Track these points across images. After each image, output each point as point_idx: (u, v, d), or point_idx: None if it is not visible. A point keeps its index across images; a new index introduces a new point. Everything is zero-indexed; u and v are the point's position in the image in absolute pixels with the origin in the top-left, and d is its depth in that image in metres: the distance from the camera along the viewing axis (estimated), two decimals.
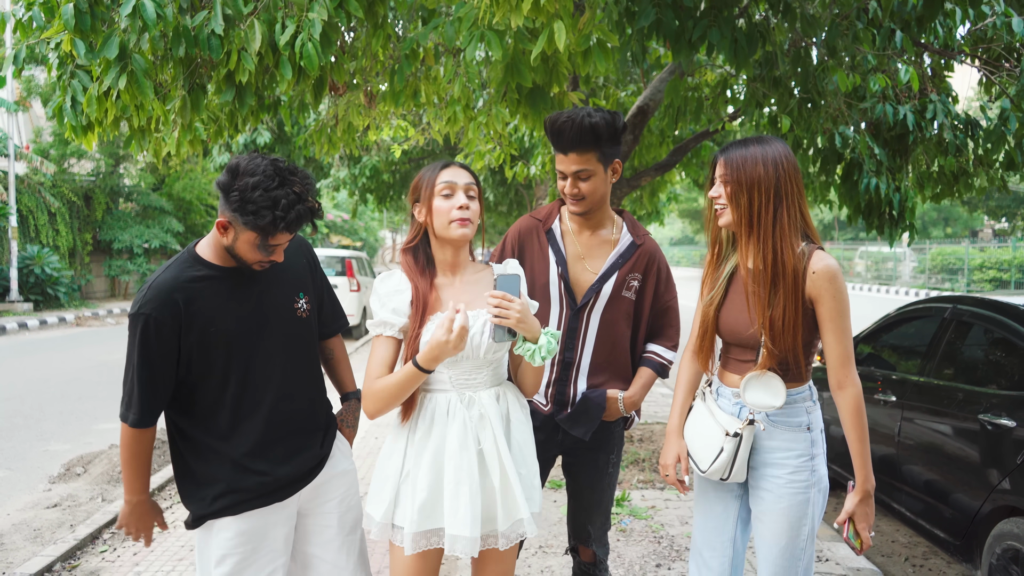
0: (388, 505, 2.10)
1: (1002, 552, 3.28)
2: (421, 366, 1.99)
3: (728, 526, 2.37)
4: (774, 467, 2.22)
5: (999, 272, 24.50)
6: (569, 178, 2.48)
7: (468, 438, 2.06)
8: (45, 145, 20.79)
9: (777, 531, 2.22)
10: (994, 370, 3.82)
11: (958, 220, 39.36)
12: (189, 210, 25.26)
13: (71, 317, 17.57)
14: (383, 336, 2.13)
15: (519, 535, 2.09)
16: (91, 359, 11.60)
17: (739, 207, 2.15)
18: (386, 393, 2.04)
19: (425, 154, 12.13)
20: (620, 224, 2.68)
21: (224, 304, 2.12)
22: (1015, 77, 4.45)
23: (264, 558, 2.21)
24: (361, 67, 4.31)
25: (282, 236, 2.04)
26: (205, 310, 2.09)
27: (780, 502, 2.21)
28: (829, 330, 2.12)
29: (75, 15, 2.83)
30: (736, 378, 2.27)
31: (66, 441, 6.88)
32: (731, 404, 2.28)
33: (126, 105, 3.19)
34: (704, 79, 6.40)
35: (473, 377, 2.12)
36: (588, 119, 2.38)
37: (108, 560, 4.20)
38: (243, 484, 2.16)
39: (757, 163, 2.12)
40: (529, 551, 4.20)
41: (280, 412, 2.21)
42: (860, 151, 4.66)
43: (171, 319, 2.05)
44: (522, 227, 2.68)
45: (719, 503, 2.38)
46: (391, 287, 2.15)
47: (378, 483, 2.16)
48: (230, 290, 2.14)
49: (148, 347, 2.05)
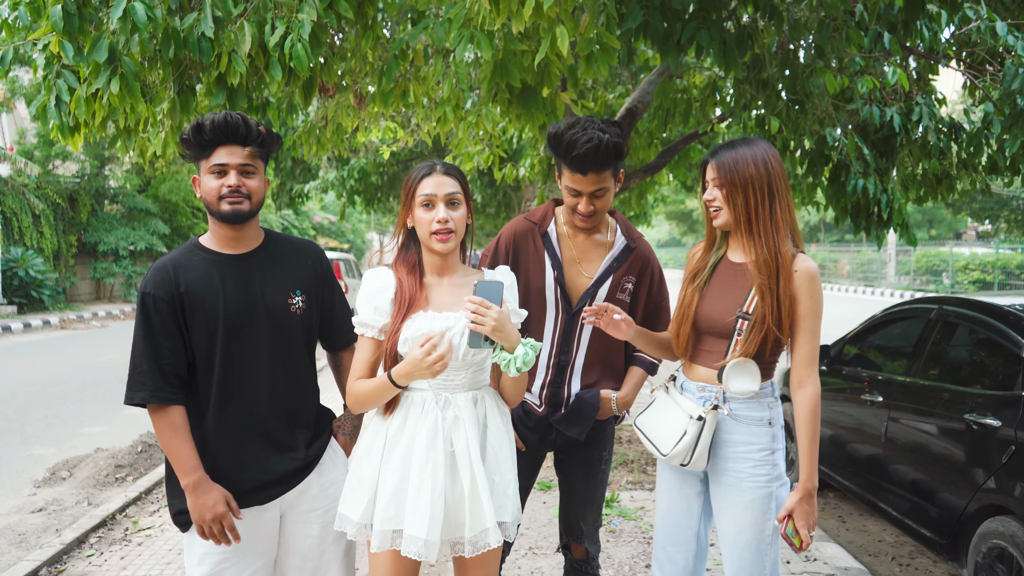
0: (367, 504, 2.06)
1: (988, 551, 3.32)
2: (394, 380, 2.01)
3: (692, 521, 2.42)
4: (736, 461, 2.27)
5: (983, 273, 24.73)
6: (584, 197, 2.44)
7: (438, 439, 2.04)
8: (29, 146, 20.60)
9: (741, 526, 2.26)
10: (979, 370, 3.85)
11: (942, 222, 39.69)
12: (175, 212, 25.10)
13: (56, 320, 17.42)
14: (364, 336, 2.13)
15: (485, 544, 2.03)
16: (76, 362, 11.50)
17: (736, 207, 2.23)
18: (363, 397, 2.10)
19: (414, 155, 12.11)
20: (614, 226, 2.68)
21: (216, 286, 2.17)
22: (998, 81, 4.49)
23: (245, 559, 2.20)
24: (350, 68, 4.30)
25: (220, 150, 2.14)
26: (197, 289, 2.15)
27: (743, 496, 2.25)
28: (802, 329, 2.21)
29: (63, 17, 2.81)
30: (703, 371, 2.34)
31: (51, 445, 6.82)
32: (695, 397, 2.33)
33: (115, 107, 3.17)
34: (692, 81, 6.43)
35: (451, 379, 2.10)
36: (608, 139, 2.33)
37: (95, 564, 4.16)
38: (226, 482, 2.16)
39: (748, 163, 2.20)
40: (519, 552, 4.21)
41: (262, 402, 2.21)
42: (847, 153, 4.70)
43: (167, 295, 2.12)
44: (517, 229, 2.66)
45: (682, 500, 2.43)
46: (376, 284, 2.15)
47: (354, 481, 2.12)
48: (223, 273, 2.19)
49: (150, 323, 2.12)
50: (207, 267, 2.19)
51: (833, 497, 5.58)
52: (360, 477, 2.11)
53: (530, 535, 4.45)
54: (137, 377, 2.11)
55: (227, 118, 2.13)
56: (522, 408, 2.66)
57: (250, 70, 3.18)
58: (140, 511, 5.01)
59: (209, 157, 2.15)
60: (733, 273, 2.33)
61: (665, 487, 2.48)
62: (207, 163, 2.16)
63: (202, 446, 2.17)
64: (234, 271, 2.20)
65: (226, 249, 2.23)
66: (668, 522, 2.45)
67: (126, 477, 5.74)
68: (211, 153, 2.15)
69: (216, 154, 2.14)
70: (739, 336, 2.24)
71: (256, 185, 2.20)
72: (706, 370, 2.33)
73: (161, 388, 2.10)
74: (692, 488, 2.42)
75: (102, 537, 4.56)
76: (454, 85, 3.90)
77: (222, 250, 2.23)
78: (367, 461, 2.11)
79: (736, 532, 2.27)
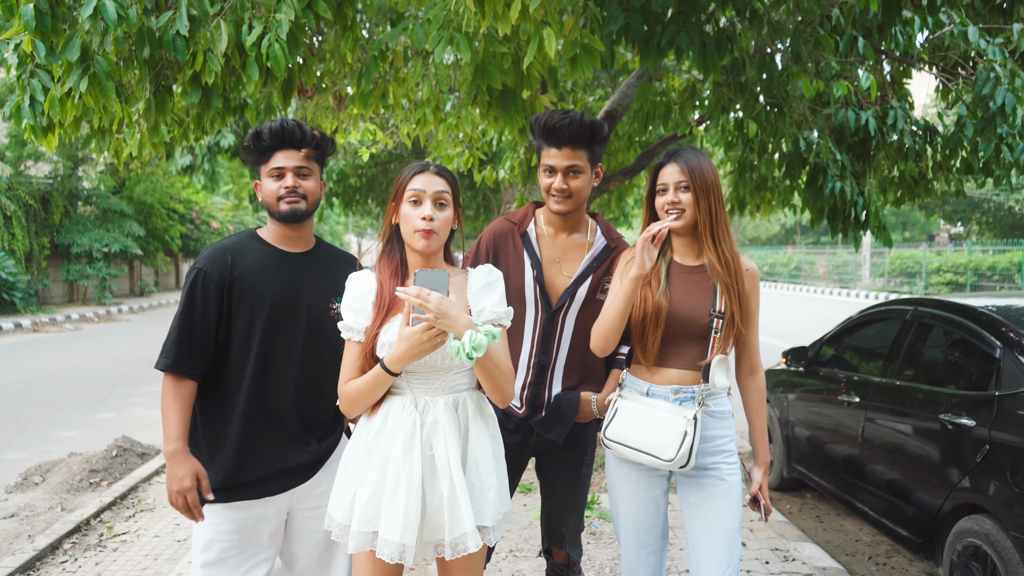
0: (348, 505, 2.07)
1: (963, 549, 3.36)
2: (387, 367, 1.99)
3: (660, 521, 2.51)
4: (716, 454, 2.39)
5: (955, 275, 25.08)
6: (559, 174, 2.48)
7: (415, 443, 2.03)
8: (1, 147, 20.28)
9: (725, 512, 2.36)
10: (954, 371, 3.90)
11: (915, 224, 40.25)
12: (150, 214, 24.82)
13: (27, 323, 17.15)
14: (351, 340, 2.12)
15: (464, 548, 2.02)
16: (49, 365, 11.33)
17: (702, 210, 2.34)
18: (357, 395, 2.07)
19: (393, 158, 12.07)
20: (594, 227, 2.69)
21: (267, 276, 2.31)
22: (971, 84, 4.56)
23: (248, 550, 2.30)
24: (329, 69, 4.28)
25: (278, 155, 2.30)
26: (248, 274, 2.29)
27: (723, 484, 2.38)
28: (751, 322, 2.41)
29: (35, 16, 2.76)
30: (675, 373, 2.38)
31: (23, 449, 6.71)
32: (671, 400, 2.37)
33: (88, 107, 3.12)
34: (671, 84, 6.47)
35: (429, 383, 2.10)
36: (584, 116, 2.45)
37: (69, 571, 4.10)
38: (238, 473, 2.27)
39: (710, 169, 2.36)
40: (500, 555, 4.20)
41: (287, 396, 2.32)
42: (824, 156, 4.74)
43: (218, 273, 2.25)
44: (497, 230, 2.68)
45: (650, 503, 2.48)
46: (358, 287, 2.14)
47: (341, 480, 2.13)
48: (276, 267, 2.33)
49: (193, 298, 2.25)
50: (263, 257, 2.34)
51: (811, 497, 5.62)
52: (346, 477, 2.11)
53: (511, 538, 4.44)
54: (167, 345, 2.24)
55: (283, 124, 2.31)
56: (502, 411, 2.65)
57: (226, 70, 3.14)
58: (115, 516, 4.94)
59: (268, 161, 2.33)
60: (690, 276, 2.41)
61: (630, 493, 2.49)
62: (266, 167, 2.34)
63: (224, 427, 2.30)
64: (287, 267, 2.35)
65: (282, 246, 2.39)
66: (639, 528, 2.49)
67: (100, 482, 5.66)
68: (269, 158, 2.33)
69: (274, 158, 2.32)
70: (716, 335, 2.34)
71: (312, 186, 2.36)
72: (679, 372, 2.38)
73: (183, 361, 2.23)
74: (659, 489, 2.49)
75: (76, 543, 4.49)
76: (433, 87, 3.89)
77: (278, 246, 2.38)
78: (352, 461, 2.11)
79: (719, 521, 2.36)
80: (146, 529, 4.70)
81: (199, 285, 2.25)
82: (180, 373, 2.22)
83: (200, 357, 2.26)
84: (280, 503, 2.35)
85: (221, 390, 2.31)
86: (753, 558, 4.19)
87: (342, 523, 2.08)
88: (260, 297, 2.28)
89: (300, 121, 2.36)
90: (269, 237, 2.40)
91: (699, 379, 2.37)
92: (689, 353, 2.38)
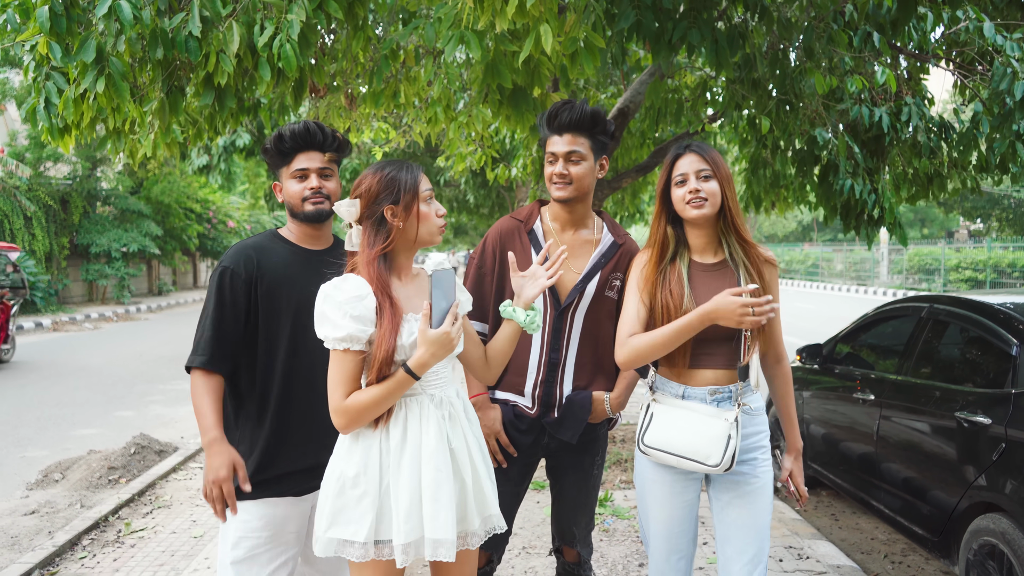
0: (372, 522, 1.96)
1: (979, 548, 3.33)
2: (413, 372, 1.94)
3: (693, 524, 2.46)
4: (756, 450, 2.38)
5: (975, 272, 24.82)
6: (560, 160, 2.51)
7: (443, 439, 2.03)
8: (20, 148, 20.52)
9: (761, 509, 2.35)
10: (970, 368, 3.87)
11: (934, 221, 39.89)
12: (168, 213, 25.04)
13: (48, 322, 17.36)
14: (350, 351, 1.96)
15: (489, 530, 2.09)
16: (68, 365, 11.46)
17: (727, 198, 2.31)
18: (369, 407, 1.95)
19: (406, 156, 12.11)
20: (600, 224, 2.69)
21: (292, 275, 2.34)
22: (987, 80, 4.51)
23: (276, 548, 2.33)
24: (341, 69, 4.30)
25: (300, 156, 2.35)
26: (275, 272, 2.32)
27: (758, 480, 2.37)
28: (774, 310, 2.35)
29: (50, 17, 2.79)
30: (709, 374, 2.33)
31: (43, 447, 6.80)
32: (708, 401, 2.32)
33: (102, 107, 3.16)
34: (684, 81, 6.44)
35: (440, 376, 2.11)
36: (585, 105, 2.49)
37: (88, 566, 4.15)
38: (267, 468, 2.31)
39: (722, 161, 2.34)
40: (512, 552, 4.21)
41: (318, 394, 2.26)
42: (837, 153, 4.71)
43: (245, 271, 2.29)
44: (503, 228, 2.68)
45: (683, 507, 2.42)
46: (350, 293, 1.97)
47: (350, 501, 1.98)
48: (300, 265, 2.37)
49: (223, 295, 2.28)
50: (287, 256, 2.37)
51: (826, 495, 5.59)
52: (357, 496, 1.97)
53: (524, 535, 4.45)
54: (201, 344, 2.27)
55: (307, 126, 2.34)
56: (513, 411, 2.64)
57: (239, 71, 3.17)
58: (133, 513, 4.99)
59: (290, 164, 2.37)
60: (713, 274, 2.35)
61: (664, 498, 2.41)
62: (288, 169, 2.37)
63: (257, 423, 2.34)
64: (311, 264, 2.37)
65: (304, 244, 2.43)
66: (672, 532, 2.42)
67: (119, 479, 5.72)
68: (292, 159, 2.36)
69: (297, 160, 2.36)
70: (748, 333, 2.31)
71: (334, 187, 2.41)
72: (714, 372, 2.32)
73: (216, 358, 2.26)
74: (693, 492, 2.43)
75: (95, 539, 4.55)
76: (445, 86, 3.90)
77: (299, 242, 2.42)
78: (365, 478, 1.97)
79: (751, 518, 2.34)
80: (163, 525, 4.75)
81: (227, 283, 2.28)
82: (214, 370, 2.26)
83: (230, 353, 2.29)
84: (305, 503, 2.38)
85: (252, 387, 2.34)
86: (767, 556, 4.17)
87: (364, 542, 1.95)
88: (288, 295, 2.32)
89: (321, 123, 2.40)
90: (291, 236, 2.44)
91: (734, 378, 2.32)
92: (722, 353, 2.32)
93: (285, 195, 2.39)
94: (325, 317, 1.97)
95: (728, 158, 10.26)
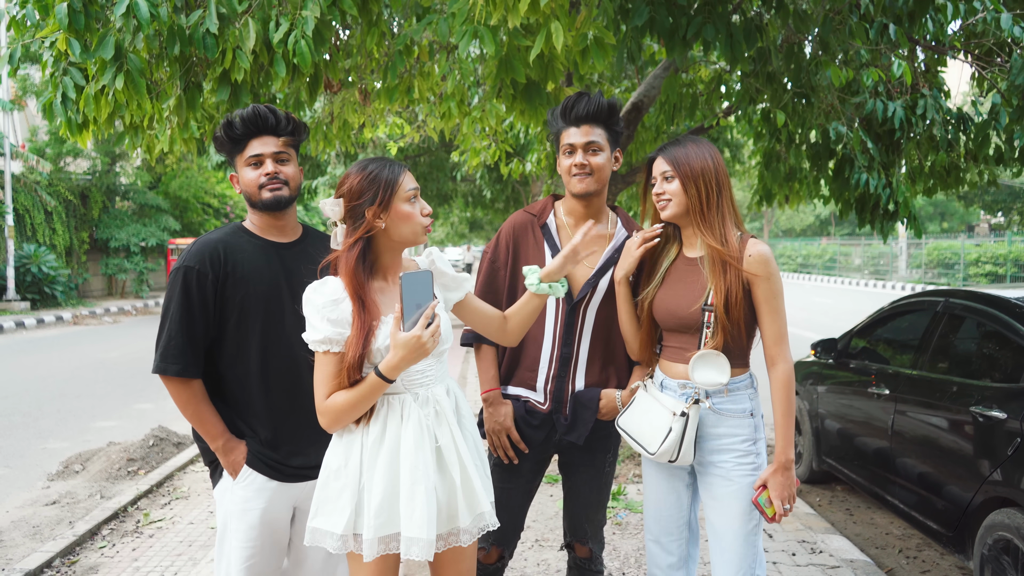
0: (350, 516, 1.99)
1: (993, 543, 3.32)
2: (384, 375, 1.92)
3: (683, 511, 2.49)
4: (722, 453, 2.34)
5: (995, 266, 24.55)
6: (579, 151, 2.50)
7: (424, 437, 2.00)
8: (41, 144, 20.76)
9: (731, 515, 2.32)
10: (985, 363, 3.85)
11: (954, 215, 39.46)
12: (186, 208, 25.23)
13: (68, 316, 17.57)
14: (330, 352, 1.98)
15: (481, 528, 2.05)
16: (88, 357, 11.61)
17: (690, 197, 2.32)
18: (346, 409, 1.96)
19: (421, 151, 12.14)
20: (614, 219, 2.69)
21: (261, 268, 2.26)
22: (1005, 72, 4.47)
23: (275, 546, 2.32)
24: (356, 65, 4.32)
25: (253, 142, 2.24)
26: (243, 266, 2.24)
27: (731, 485, 2.32)
28: (765, 311, 2.29)
29: (69, 14, 2.84)
30: (680, 367, 2.37)
31: (64, 439, 6.90)
32: (677, 395, 2.36)
33: (120, 103, 3.20)
34: (698, 75, 6.42)
35: (425, 374, 2.07)
36: (600, 96, 2.49)
37: (107, 556, 4.22)
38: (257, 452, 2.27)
39: (699, 157, 2.33)
40: (525, 544, 4.23)
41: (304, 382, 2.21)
42: (852, 146, 4.69)
43: (212, 270, 2.19)
44: (516, 222, 2.68)
45: (671, 493, 2.48)
46: (327, 296, 1.98)
47: (332, 493, 2.01)
48: (267, 257, 2.28)
49: (189, 297, 2.18)
50: (254, 250, 2.28)
51: (840, 490, 5.57)
52: (338, 489, 2.01)
53: (537, 528, 4.47)
54: (171, 350, 2.18)
55: (256, 110, 2.23)
56: (524, 407, 2.64)
57: (255, 67, 3.20)
58: (151, 503, 5.06)
59: (243, 151, 2.26)
60: (689, 268, 2.40)
61: (654, 482, 2.52)
62: (242, 157, 2.26)
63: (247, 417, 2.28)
64: (279, 257, 2.30)
65: (270, 236, 2.33)
66: (660, 515, 2.50)
67: (138, 470, 5.80)
68: (245, 146, 2.25)
69: (250, 146, 2.25)
70: (708, 329, 2.29)
71: (292, 171, 2.30)
72: (683, 366, 2.36)
73: (192, 364, 2.19)
74: (681, 481, 2.48)
75: (114, 529, 4.62)
76: (458, 80, 3.92)
77: (266, 236, 2.33)
78: (345, 471, 2.01)
79: (726, 523, 2.33)
80: (181, 516, 4.82)
81: (193, 283, 2.18)
82: (192, 376, 2.20)
83: (203, 355, 2.23)
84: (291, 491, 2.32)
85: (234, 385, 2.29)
86: (780, 550, 4.18)
87: (343, 534, 1.99)
88: (256, 291, 2.24)
89: (272, 106, 2.29)
90: (255, 229, 2.34)
91: None
92: (688, 347, 2.36)
93: (241, 184, 2.28)
94: (308, 320, 2.00)
95: (744, 152, 10.21)
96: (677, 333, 2.38)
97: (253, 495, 2.27)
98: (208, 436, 2.23)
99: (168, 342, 2.18)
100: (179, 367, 2.17)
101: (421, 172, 12.58)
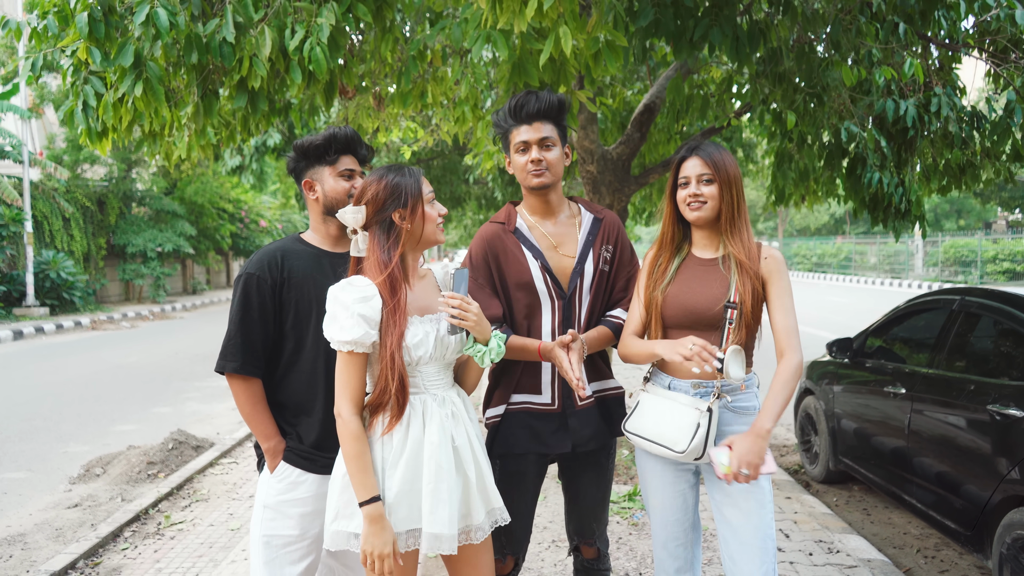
0: None
1: (1012, 542, 3.30)
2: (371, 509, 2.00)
3: (688, 515, 2.52)
4: None
5: (1012, 264, 24.32)
6: (533, 147, 2.53)
7: (446, 437, 2.10)
8: (58, 151, 21.00)
9: (748, 511, 2.35)
10: (1002, 361, 3.83)
11: (971, 212, 39.08)
12: (201, 213, 25.43)
13: (87, 321, 17.74)
14: (354, 353, 2.05)
15: (494, 523, 2.16)
16: (107, 362, 11.72)
17: (724, 202, 2.39)
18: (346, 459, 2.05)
19: (434, 155, 12.19)
20: (577, 208, 2.71)
21: (318, 276, 2.37)
22: (1020, 69, 4.45)
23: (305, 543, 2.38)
24: (370, 70, 4.36)
25: (345, 158, 2.44)
26: (301, 273, 2.37)
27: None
28: (778, 306, 2.38)
29: (89, 23, 2.89)
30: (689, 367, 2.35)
31: (85, 443, 6.98)
32: (691, 394, 2.39)
33: (140, 110, 3.25)
34: (710, 76, 6.42)
35: (442, 377, 2.19)
36: (548, 93, 2.54)
37: (130, 557, 4.27)
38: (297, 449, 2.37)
39: (732, 162, 2.40)
40: (543, 545, 4.25)
41: None
42: (864, 146, 4.67)
43: (270, 275, 2.34)
44: (486, 234, 2.64)
45: (677, 496, 2.50)
46: (358, 293, 2.05)
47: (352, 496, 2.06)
48: (323, 266, 2.41)
49: (249, 302, 2.32)
50: (310, 258, 2.41)
51: (857, 490, 5.55)
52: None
53: (553, 528, 4.49)
54: (230, 349, 2.31)
55: (351, 133, 2.45)
56: (531, 416, 2.62)
57: (271, 73, 3.24)
58: (172, 506, 5.12)
59: (336, 163, 2.44)
60: (705, 268, 2.44)
61: (658, 486, 2.52)
62: (335, 168, 2.44)
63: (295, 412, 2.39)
64: (331, 265, 2.41)
65: (326, 246, 2.47)
66: (667, 520, 2.52)
67: (158, 473, 5.87)
68: (338, 160, 2.44)
69: (342, 160, 2.45)
70: (731, 325, 2.34)
71: None
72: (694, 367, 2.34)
73: (249, 362, 2.31)
74: (686, 482, 2.51)
75: (136, 531, 4.68)
76: (472, 85, 3.94)
77: (323, 246, 2.47)
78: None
79: (744, 518, 2.35)
80: (201, 518, 4.87)
81: (254, 289, 2.32)
82: (249, 374, 2.32)
83: (262, 355, 2.35)
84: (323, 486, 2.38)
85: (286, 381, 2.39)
86: (797, 549, 4.17)
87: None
88: (312, 296, 2.35)
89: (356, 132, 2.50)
90: (314, 239, 2.49)
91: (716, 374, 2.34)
92: None
93: (326, 191, 2.42)
94: (333, 318, 2.06)
95: (757, 152, 10.18)
96: (688, 331, 2.39)
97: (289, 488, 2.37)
98: (260, 436, 2.36)
99: (228, 342, 2.33)
100: (236, 364, 2.29)
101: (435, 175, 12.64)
